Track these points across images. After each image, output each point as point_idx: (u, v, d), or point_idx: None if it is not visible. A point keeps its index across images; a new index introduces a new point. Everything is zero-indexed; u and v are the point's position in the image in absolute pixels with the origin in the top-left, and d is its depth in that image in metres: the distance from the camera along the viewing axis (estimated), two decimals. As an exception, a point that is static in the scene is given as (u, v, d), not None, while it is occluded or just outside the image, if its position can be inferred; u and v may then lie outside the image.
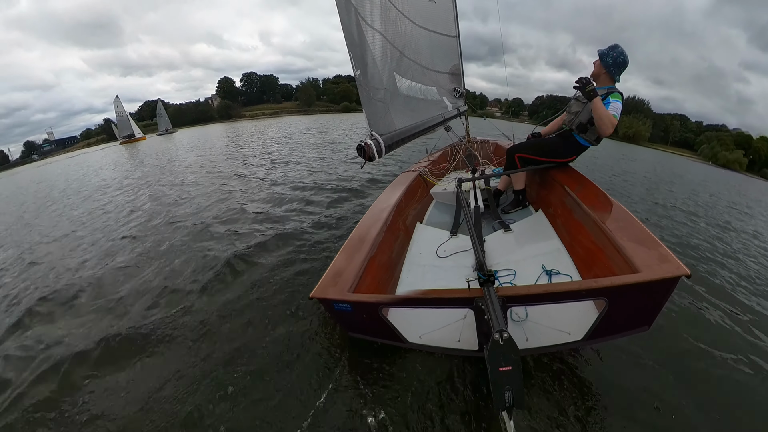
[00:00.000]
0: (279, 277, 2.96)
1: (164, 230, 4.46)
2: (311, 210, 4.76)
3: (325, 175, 7.29)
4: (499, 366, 1.27)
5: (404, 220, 3.12)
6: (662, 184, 10.47)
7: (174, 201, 6.15)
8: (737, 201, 10.16)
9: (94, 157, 25.60)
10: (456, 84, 3.88)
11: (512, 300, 1.59)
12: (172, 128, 55.34)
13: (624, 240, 1.84)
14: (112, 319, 2.66)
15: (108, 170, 14.30)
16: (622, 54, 2.55)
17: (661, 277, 1.47)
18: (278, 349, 2.16)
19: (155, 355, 2.23)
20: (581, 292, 1.54)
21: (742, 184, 19.11)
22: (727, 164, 51.14)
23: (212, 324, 2.45)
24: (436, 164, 4.42)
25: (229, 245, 3.66)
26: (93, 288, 3.15)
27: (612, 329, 1.70)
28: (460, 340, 1.78)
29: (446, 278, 2.33)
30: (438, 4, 3.24)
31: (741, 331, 2.41)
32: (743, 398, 1.84)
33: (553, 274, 2.18)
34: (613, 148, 25.62)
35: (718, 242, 4.64)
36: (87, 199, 7.93)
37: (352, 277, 1.94)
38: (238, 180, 7.48)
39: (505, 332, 1.27)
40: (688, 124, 69.44)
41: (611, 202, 2.33)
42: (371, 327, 1.89)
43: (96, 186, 10.00)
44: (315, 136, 18.48)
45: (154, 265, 3.43)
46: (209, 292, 2.86)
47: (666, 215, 5.81)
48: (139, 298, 2.89)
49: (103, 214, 6.04)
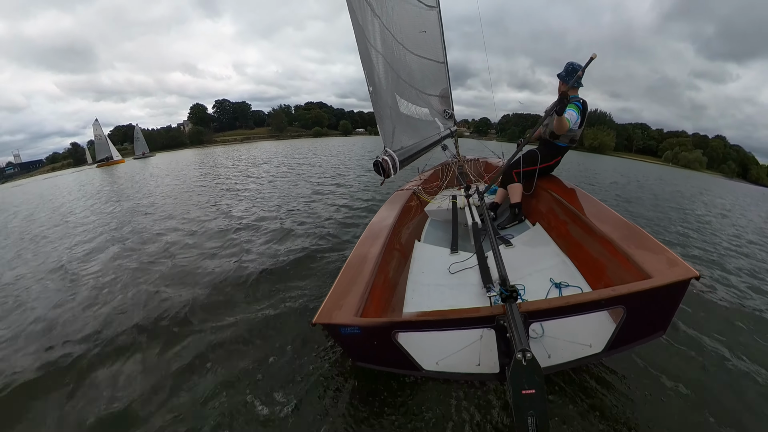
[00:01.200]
0: (267, 308, 2.76)
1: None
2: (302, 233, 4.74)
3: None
4: (522, 389, 1.21)
5: (403, 239, 3.07)
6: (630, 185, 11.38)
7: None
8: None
9: (65, 181, 23.81)
10: (445, 106, 4.13)
11: (534, 315, 1.54)
12: (149, 152, 54.53)
13: (631, 247, 1.86)
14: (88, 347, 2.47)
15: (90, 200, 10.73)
16: (571, 64, 2.99)
17: (674, 280, 1.50)
18: (275, 385, 1.95)
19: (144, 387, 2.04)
20: (601, 301, 1.53)
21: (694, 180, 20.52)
22: (687, 164, 54.90)
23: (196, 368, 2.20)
24: (428, 182, 4.51)
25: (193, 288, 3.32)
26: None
27: (631, 337, 1.69)
28: (480, 363, 1.67)
29: (454, 297, 2.28)
30: (428, 33, 3.51)
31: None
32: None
33: (563, 287, 2.15)
34: (580, 158, 26.98)
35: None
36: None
37: (357, 299, 1.80)
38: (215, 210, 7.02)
39: (528, 351, 1.22)
40: (649, 131, 74.70)
41: (609, 211, 2.39)
42: (382, 354, 1.73)
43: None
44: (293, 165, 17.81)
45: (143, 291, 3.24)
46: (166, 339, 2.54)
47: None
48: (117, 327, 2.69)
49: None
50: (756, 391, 1.83)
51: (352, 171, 12.04)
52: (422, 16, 3.52)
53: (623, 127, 73.43)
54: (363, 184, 8.82)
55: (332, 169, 12.93)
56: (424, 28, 3.48)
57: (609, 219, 2.28)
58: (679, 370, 1.85)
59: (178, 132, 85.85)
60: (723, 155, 62.81)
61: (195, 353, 2.30)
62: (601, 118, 71.95)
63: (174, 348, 2.39)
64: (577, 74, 2.82)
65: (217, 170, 15.61)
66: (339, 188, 8.41)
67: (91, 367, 2.26)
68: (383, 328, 1.62)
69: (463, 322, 1.60)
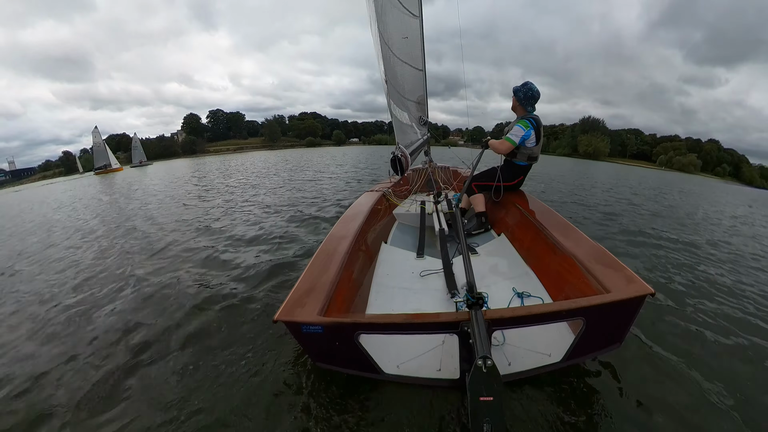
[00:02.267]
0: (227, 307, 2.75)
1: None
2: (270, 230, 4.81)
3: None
4: (480, 395, 1.22)
5: (369, 240, 3.08)
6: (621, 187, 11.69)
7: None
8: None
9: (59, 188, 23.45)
10: (421, 113, 4.31)
11: (497, 323, 1.57)
12: (146, 161, 54.74)
13: (592, 263, 1.96)
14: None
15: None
16: (530, 89, 3.11)
17: (631, 296, 1.60)
18: (234, 386, 1.92)
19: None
20: (562, 312, 1.60)
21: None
22: (682, 168, 55.81)
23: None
24: (398, 186, 4.60)
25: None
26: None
27: (589, 348, 1.77)
28: (440, 368, 1.70)
29: (418, 301, 2.31)
30: (409, 39, 3.69)
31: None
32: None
33: (525, 297, 2.23)
34: (574, 165, 27.10)
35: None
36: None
37: (322, 298, 1.76)
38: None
39: (489, 359, 1.24)
40: (642, 137, 75.94)
41: (570, 227, 2.52)
42: (343, 355, 1.72)
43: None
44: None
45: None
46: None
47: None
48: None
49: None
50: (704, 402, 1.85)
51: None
52: (406, 23, 3.70)
53: (617, 133, 74.59)
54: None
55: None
56: (406, 35, 3.67)
57: (572, 235, 2.40)
58: (634, 380, 1.91)
59: (171, 141, 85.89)
60: (717, 158, 64.07)
61: (141, 346, 2.33)
62: (594, 124, 73.17)
63: (126, 342, 2.43)
64: (532, 102, 3.17)
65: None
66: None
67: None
68: (346, 328, 1.61)
69: (428, 327, 1.63)
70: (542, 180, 12.69)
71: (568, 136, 75.40)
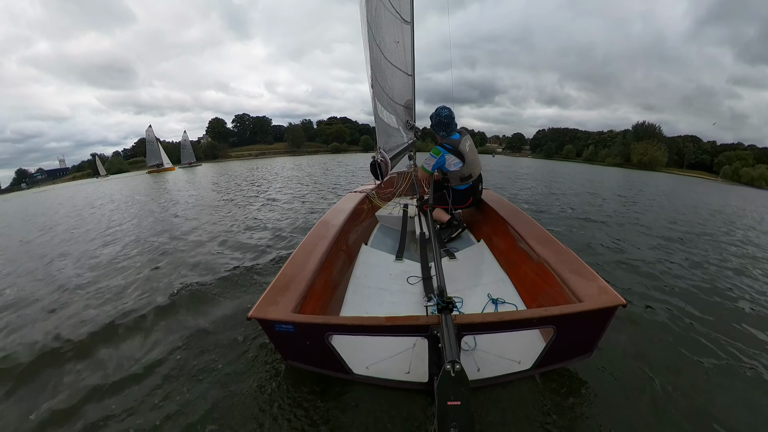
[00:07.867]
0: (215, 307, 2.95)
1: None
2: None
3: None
4: (448, 400, 1.26)
5: (350, 240, 3.22)
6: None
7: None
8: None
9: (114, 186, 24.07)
10: (408, 117, 4.51)
11: (467, 328, 1.63)
12: (195, 161, 59.23)
13: (566, 272, 2.06)
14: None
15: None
16: (438, 115, 3.33)
17: (602, 306, 1.69)
18: (207, 382, 2.04)
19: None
20: (533, 320, 1.66)
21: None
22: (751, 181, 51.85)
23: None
24: (382, 188, 4.80)
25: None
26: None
27: (559, 357, 1.85)
28: (409, 371, 1.78)
29: (393, 303, 2.43)
30: (400, 44, 3.97)
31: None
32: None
33: (499, 303, 2.35)
34: (625, 176, 25.45)
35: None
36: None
37: (296, 296, 1.87)
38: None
39: (458, 363, 1.29)
40: (701, 145, 71.50)
41: (548, 236, 2.64)
42: (314, 354, 1.81)
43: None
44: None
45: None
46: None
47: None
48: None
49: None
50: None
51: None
52: (398, 27, 3.99)
53: (672, 140, 70.68)
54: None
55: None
56: (398, 39, 3.96)
57: (548, 243, 2.52)
58: (604, 390, 1.97)
59: (195, 146, 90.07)
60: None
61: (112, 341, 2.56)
62: (649, 130, 69.72)
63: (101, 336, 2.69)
64: (442, 128, 3.35)
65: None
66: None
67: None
68: (317, 328, 1.69)
69: (398, 329, 1.70)
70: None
71: (618, 143, 72.04)
